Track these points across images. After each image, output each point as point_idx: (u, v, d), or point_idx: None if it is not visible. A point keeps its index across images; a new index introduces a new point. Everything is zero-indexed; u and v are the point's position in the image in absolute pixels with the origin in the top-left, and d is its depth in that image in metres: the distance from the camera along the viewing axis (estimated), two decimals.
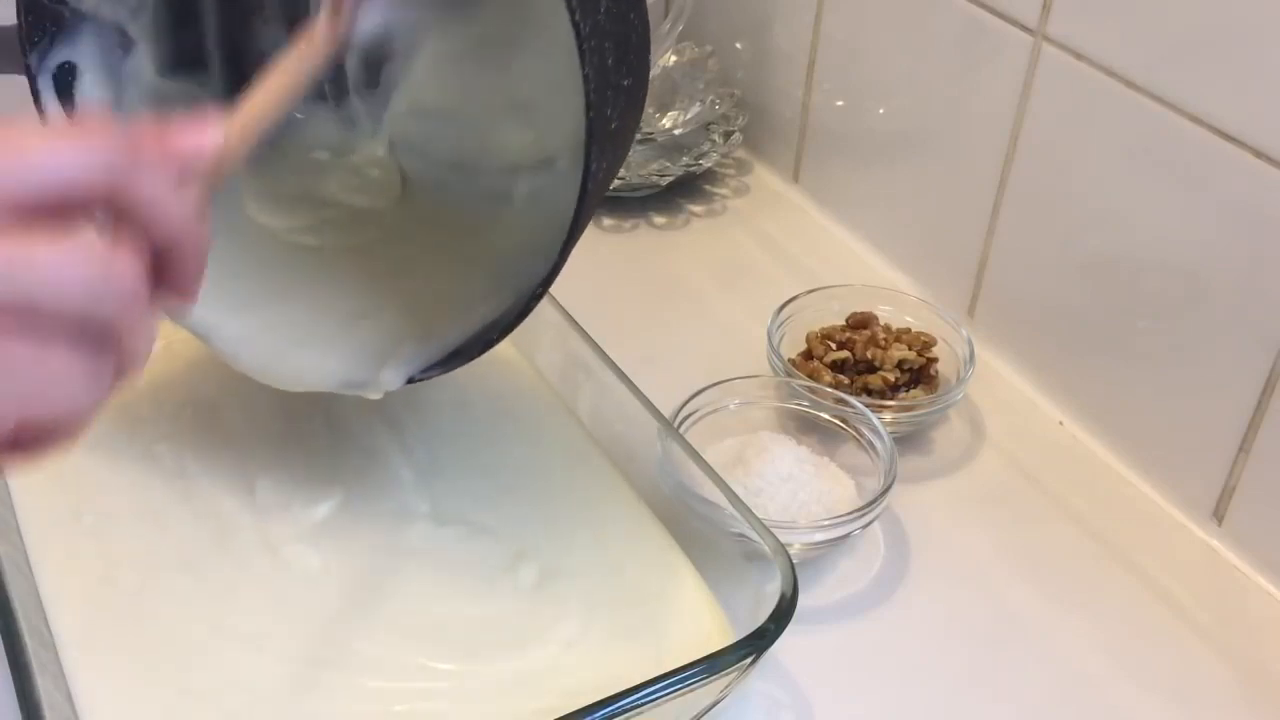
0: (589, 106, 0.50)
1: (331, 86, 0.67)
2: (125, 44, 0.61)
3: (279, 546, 0.61)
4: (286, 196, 0.66)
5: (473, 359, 0.58)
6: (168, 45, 0.63)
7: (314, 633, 0.58)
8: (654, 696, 0.50)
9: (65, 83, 0.60)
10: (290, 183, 0.67)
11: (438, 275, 0.63)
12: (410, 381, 0.59)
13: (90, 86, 0.60)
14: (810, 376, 0.73)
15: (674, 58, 0.97)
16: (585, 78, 0.49)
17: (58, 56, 0.59)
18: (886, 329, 0.76)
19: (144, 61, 0.62)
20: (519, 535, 0.63)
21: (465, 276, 0.63)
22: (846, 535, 0.65)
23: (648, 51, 0.58)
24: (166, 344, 0.71)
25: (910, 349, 0.75)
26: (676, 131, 0.94)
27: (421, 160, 0.67)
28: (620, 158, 0.58)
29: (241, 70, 0.66)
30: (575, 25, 0.48)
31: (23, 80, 0.59)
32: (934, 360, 0.75)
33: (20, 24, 0.58)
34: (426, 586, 0.60)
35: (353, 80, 0.67)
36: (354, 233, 0.66)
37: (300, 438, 0.67)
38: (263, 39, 0.66)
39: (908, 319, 0.78)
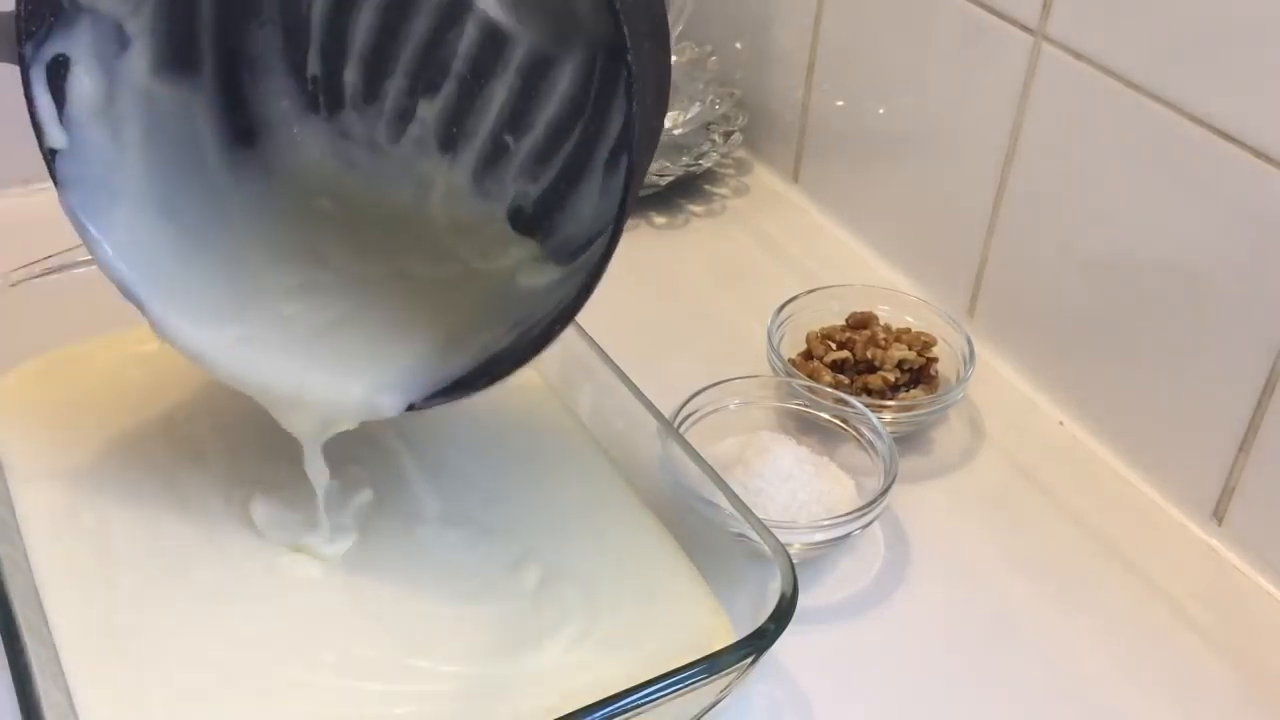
0: (629, 164, 0.49)
1: (326, 96, 0.67)
2: (121, 40, 0.61)
3: (281, 547, 0.62)
4: (280, 246, 0.64)
5: (480, 390, 0.57)
6: (164, 44, 0.62)
7: (315, 635, 0.58)
8: (654, 696, 0.50)
9: (57, 76, 0.59)
10: (287, 232, 0.65)
11: (444, 299, 0.63)
12: (411, 409, 0.58)
13: (82, 81, 0.59)
14: (810, 376, 0.73)
15: (674, 58, 0.97)
16: (631, 111, 0.48)
17: (53, 48, 0.58)
18: (886, 329, 0.76)
19: (138, 61, 0.62)
20: (522, 536, 0.62)
21: (473, 301, 0.62)
22: (846, 535, 0.65)
23: (666, 101, 0.57)
24: (166, 346, 0.71)
25: (910, 349, 0.75)
26: (676, 131, 0.94)
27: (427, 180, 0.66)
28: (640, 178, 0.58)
29: (234, 77, 0.66)
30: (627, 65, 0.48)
31: (11, 69, 0.59)
32: (934, 360, 0.75)
33: (18, 12, 0.57)
34: (430, 588, 0.60)
35: (350, 91, 0.66)
36: (334, 303, 0.63)
37: None
38: (257, 45, 0.66)
39: (908, 319, 0.78)
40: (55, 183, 0.59)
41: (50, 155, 0.59)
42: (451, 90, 0.62)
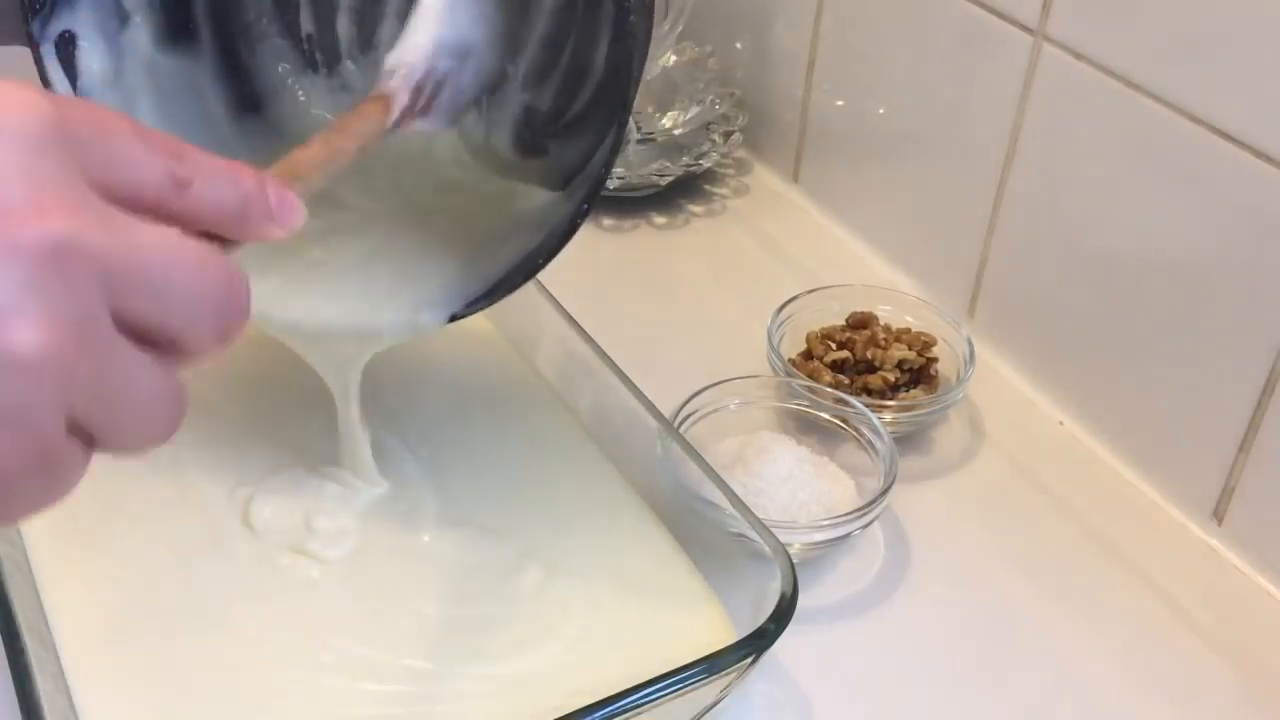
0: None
1: (323, 53, 0.66)
2: (122, 14, 0.61)
3: (281, 549, 0.62)
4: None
5: (519, 286, 0.57)
6: (161, 17, 0.62)
7: (315, 635, 0.58)
8: (654, 696, 0.50)
9: (67, 52, 0.59)
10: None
11: (460, 224, 0.63)
12: (454, 319, 0.58)
13: (89, 56, 0.60)
14: (810, 376, 0.73)
15: (674, 58, 0.97)
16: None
17: (59, 25, 0.58)
18: (886, 329, 0.76)
19: (140, 35, 0.62)
20: (523, 536, 0.62)
21: (490, 221, 0.62)
22: (846, 535, 0.65)
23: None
24: None
25: (910, 349, 0.75)
26: (676, 131, 0.94)
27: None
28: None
29: (233, 48, 0.66)
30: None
31: (19, 52, 0.59)
32: (934, 360, 0.75)
33: None
34: (431, 588, 0.60)
35: (345, 43, 0.66)
36: (355, 243, 0.64)
37: (303, 439, 0.67)
38: (249, 11, 0.66)
39: (908, 319, 0.78)
40: None
41: None
42: None
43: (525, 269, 0.56)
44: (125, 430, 0.32)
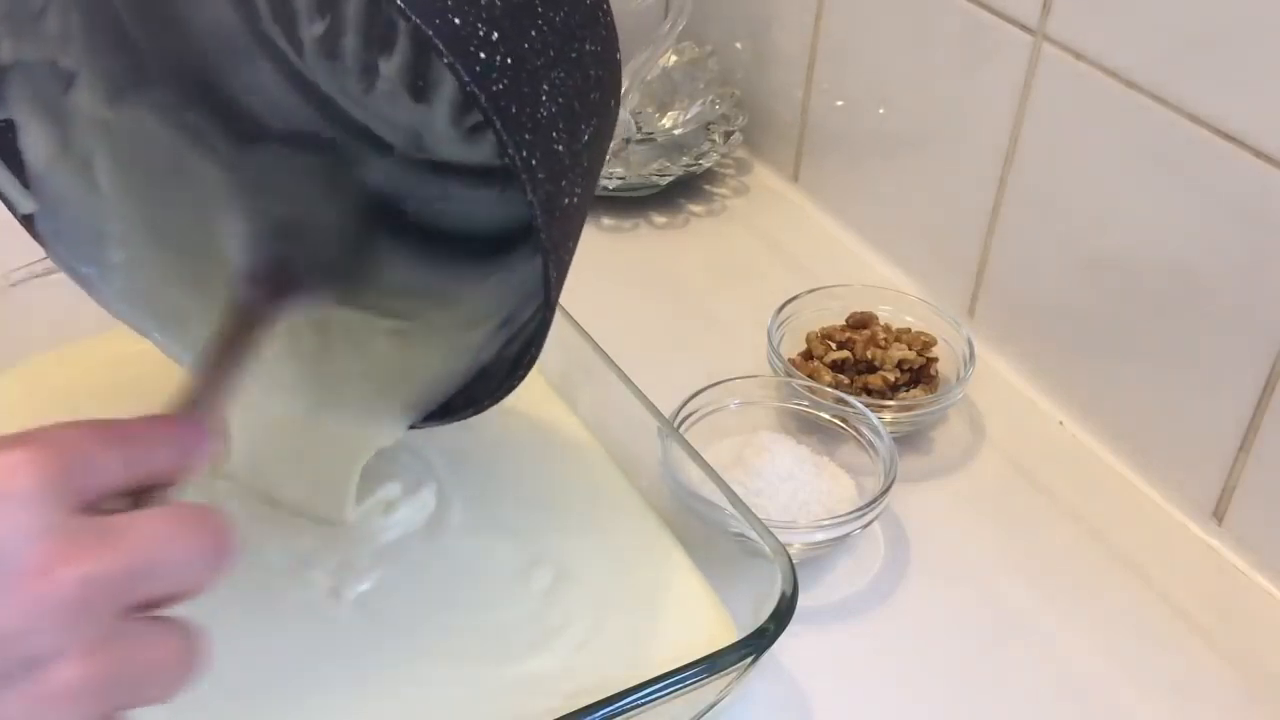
0: (543, 248, 0.47)
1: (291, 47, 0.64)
2: (63, 76, 0.58)
3: (281, 553, 0.62)
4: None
5: (463, 419, 0.59)
6: (110, 67, 0.59)
7: (316, 640, 0.58)
8: (654, 696, 0.50)
9: (6, 140, 0.57)
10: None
11: (409, 354, 0.63)
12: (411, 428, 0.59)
13: (32, 136, 0.57)
14: (810, 376, 0.73)
15: (674, 58, 0.97)
16: (530, 203, 0.46)
17: None
18: (886, 329, 0.76)
19: (88, 92, 0.59)
20: (530, 539, 0.62)
21: (453, 310, 0.62)
22: (846, 535, 0.65)
23: (616, 83, 0.55)
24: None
25: (910, 349, 0.75)
26: (676, 131, 0.94)
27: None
28: (587, 204, 0.55)
29: (187, 79, 0.64)
30: (511, 159, 0.45)
31: None
32: (934, 360, 0.75)
33: None
34: (439, 593, 0.60)
35: (308, 48, 0.63)
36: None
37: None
38: (211, 43, 0.62)
39: (908, 319, 0.78)
40: (39, 242, 0.59)
41: (26, 219, 0.58)
42: (406, 46, 0.59)
43: (471, 407, 0.58)
44: (150, 695, 0.38)
